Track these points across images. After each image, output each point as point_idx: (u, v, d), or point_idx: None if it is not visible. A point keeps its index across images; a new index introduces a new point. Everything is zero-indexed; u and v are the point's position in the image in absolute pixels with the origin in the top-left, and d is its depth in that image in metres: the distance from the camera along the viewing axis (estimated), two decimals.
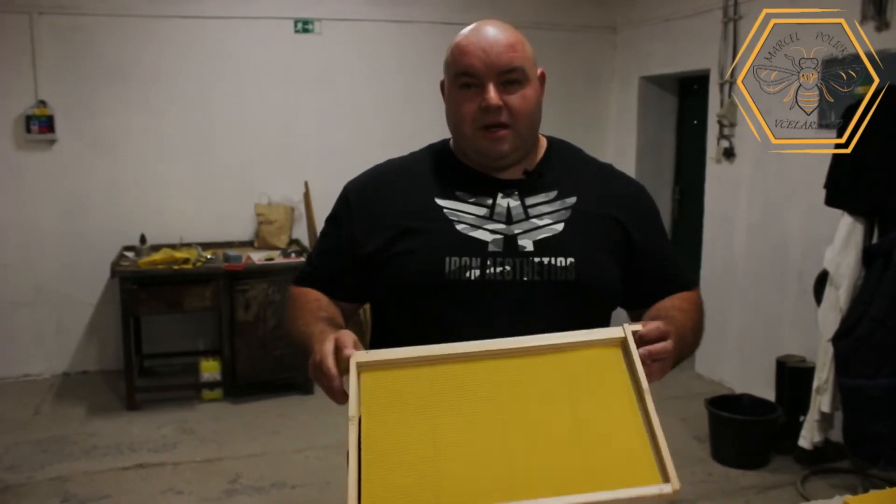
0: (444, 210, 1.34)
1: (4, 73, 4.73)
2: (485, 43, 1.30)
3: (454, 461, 1.02)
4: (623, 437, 1.05)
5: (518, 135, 1.33)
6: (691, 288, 1.49)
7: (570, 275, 1.30)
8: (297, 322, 1.38)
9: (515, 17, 5.49)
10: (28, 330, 4.94)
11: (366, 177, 1.48)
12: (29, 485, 3.47)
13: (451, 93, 1.37)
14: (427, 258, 1.30)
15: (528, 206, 1.36)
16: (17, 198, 4.85)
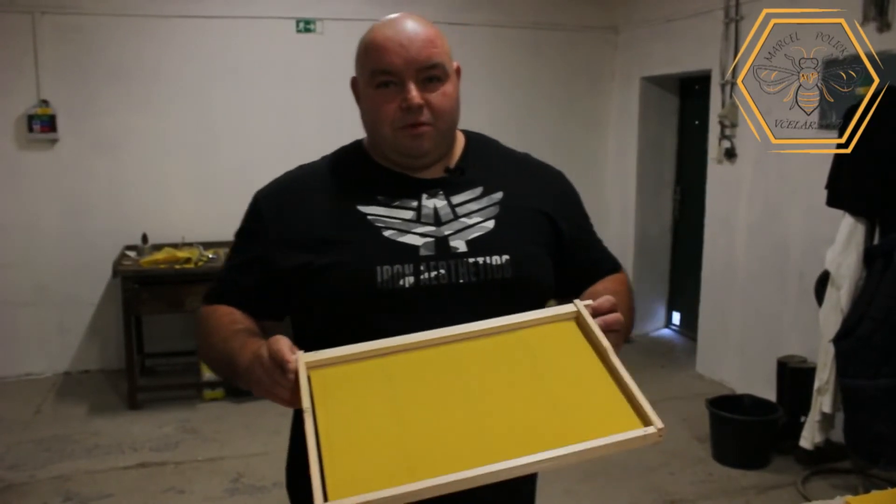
0: (367, 217, 1.27)
1: (7, 73, 4.73)
2: (403, 38, 1.24)
3: (424, 434, 0.98)
4: (595, 394, 1.03)
5: (439, 132, 1.28)
6: (618, 270, 1.50)
7: (506, 272, 1.26)
8: (212, 340, 1.29)
9: (516, 18, 5.54)
10: (30, 329, 4.94)
11: (277, 185, 1.37)
12: (31, 483, 3.47)
13: (368, 92, 1.28)
14: (357, 269, 1.22)
15: (455, 206, 1.31)
16: (19, 197, 4.85)
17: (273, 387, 1.06)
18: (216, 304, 1.35)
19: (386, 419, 1.00)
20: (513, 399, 1.02)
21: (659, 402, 4.27)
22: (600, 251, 1.50)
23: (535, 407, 1.01)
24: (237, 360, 1.18)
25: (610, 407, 1.01)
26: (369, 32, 1.28)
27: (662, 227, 5.80)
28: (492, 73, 5.57)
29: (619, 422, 0.99)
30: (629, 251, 5.73)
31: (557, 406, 1.01)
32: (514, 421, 0.99)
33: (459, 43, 5.42)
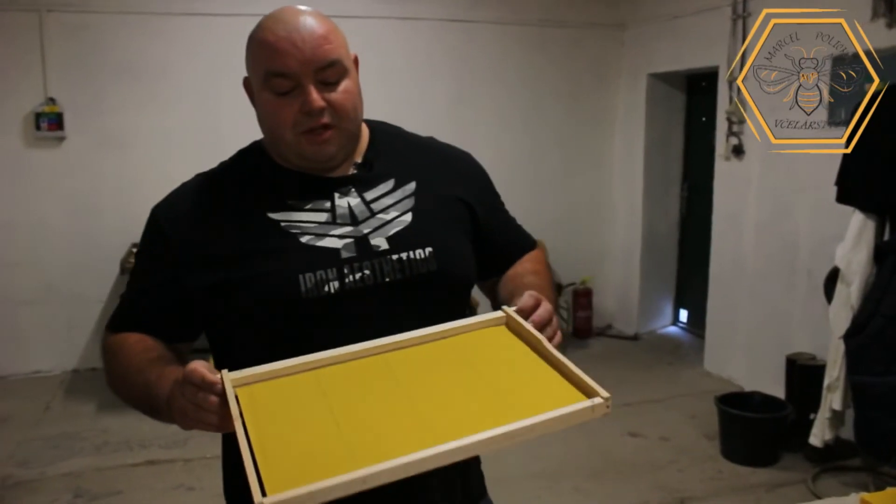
0: (281, 224, 1.20)
1: (14, 71, 4.74)
2: (297, 38, 1.15)
3: (363, 428, 0.93)
4: (534, 378, 1.01)
5: (343, 133, 1.21)
6: (535, 246, 1.48)
7: (431, 265, 1.22)
8: (124, 372, 1.20)
9: (522, 15, 5.53)
10: (38, 327, 4.95)
11: (177, 199, 1.27)
12: (41, 480, 3.48)
13: (263, 95, 1.20)
14: (278, 280, 1.15)
15: (369, 202, 1.25)
16: (27, 195, 4.86)
17: (198, 413, 0.99)
18: (123, 331, 1.25)
19: (322, 421, 0.96)
20: (452, 391, 1.00)
21: (666, 399, 4.27)
22: (516, 230, 1.47)
23: (476, 395, 0.99)
24: (155, 392, 1.10)
25: (551, 388, 0.99)
26: (259, 30, 1.20)
27: (670, 225, 5.79)
28: (497, 71, 5.56)
29: (562, 398, 0.97)
30: (636, 248, 5.73)
31: (498, 391, 0.99)
32: (455, 408, 0.97)
33: (464, 41, 5.47)
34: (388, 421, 0.95)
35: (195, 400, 0.98)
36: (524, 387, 1.00)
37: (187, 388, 0.99)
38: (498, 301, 1.35)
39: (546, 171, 5.76)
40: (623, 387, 4.70)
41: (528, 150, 5.70)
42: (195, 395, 0.98)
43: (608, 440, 3.92)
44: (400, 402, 0.97)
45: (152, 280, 1.25)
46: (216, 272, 1.18)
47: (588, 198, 5.92)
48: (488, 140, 5.48)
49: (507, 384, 1.00)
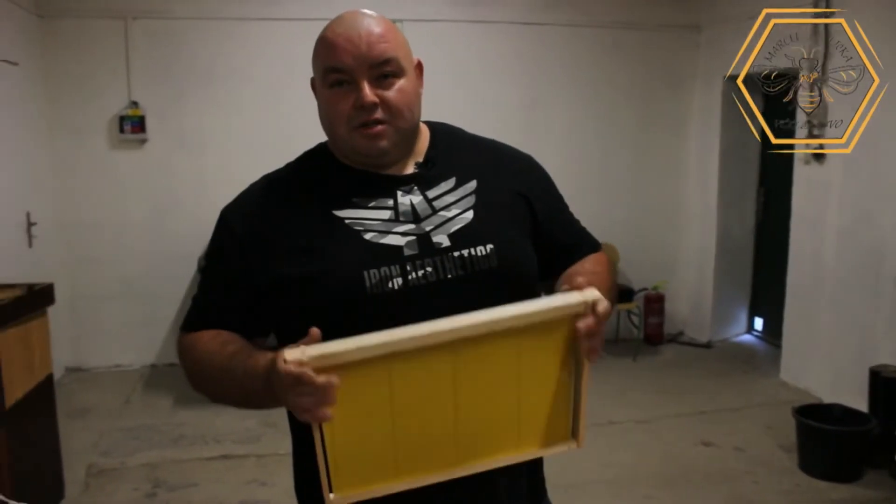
0: (345, 221, 1.23)
1: (101, 76, 4.93)
2: (353, 35, 1.19)
3: (409, 437, 1.09)
4: (555, 406, 1.14)
5: (396, 130, 1.23)
6: (598, 249, 1.45)
7: (492, 262, 1.23)
8: (206, 368, 1.23)
9: (595, 17, 5.48)
10: (118, 322, 5.14)
11: (245, 200, 1.32)
12: (122, 470, 3.61)
13: (322, 92, 1.24)
14: (343, 276, 1.18)
15: (431, 200, 1.27)
16: (111, 195, 5.05)
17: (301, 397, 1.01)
18: (196, 330, 1.28)
19: (383, 427, 1.07)
20: (488, 403, 1.11)
21: (741, 408, 4.16)
22: (578, 231, 1.46)
23: (502, 415, 1.13)
24: (247, 383, 1.13)
25: (558, 421, 1.15)
26: (323, 31, 1.24)
27: (745, 230, 5.65)
28: (569, 75, 5.52)
29: (555, 434, 1.16)
30: (710, 253, 5.60)
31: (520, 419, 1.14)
32: (481, 432, 1.12)
33: (537, 44, 5.44)
34: (428, 429, 1.10)
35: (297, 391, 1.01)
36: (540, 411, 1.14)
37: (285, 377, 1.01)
38: None
39: (618, 175, 5.69)
40: (696, 395, 4.61)
41: (601, 154, 5.64)
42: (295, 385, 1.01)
43: (681, 448, 3.85)
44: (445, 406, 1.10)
45: (223, 278, 1.29)
46: (282, 268, 1.21)
47: (661, 202, 5.82)
48: (560, 144, 5.45)
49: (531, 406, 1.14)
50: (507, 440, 1.14)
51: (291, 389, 1.01)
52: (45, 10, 4.81)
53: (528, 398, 1.12)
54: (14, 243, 4.28)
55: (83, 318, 5.07)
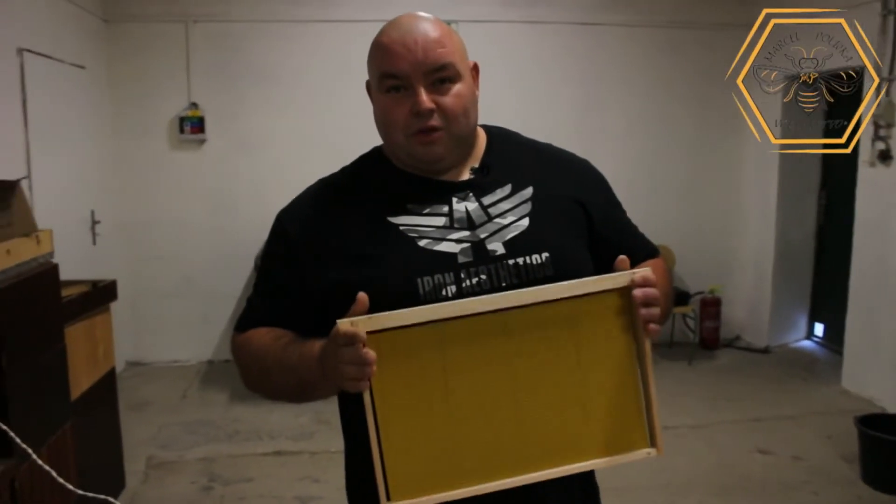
0: (399, 228, 1.22)
1: (163, 78, 5.06)
2: (409, 40, 1.18)
3: (467, 427, 1.06)
4: (623, 399, 1.11)
5: (452, 136, 1.22)
6: (656, 255, 1.42)
7: (547, 271, 1.21)
8: (263, 363, 1.24)
9: (652, 17, 5.41)
10: (177, 319, 5.26)
11: (301, 203, 1.32)
12: (180, 463, 3.69)
13: (378, 97, 1.24)
14: (397, 284, 1.17)
15: (486, 207, 1.25)
16: (171, 194, 5.18)
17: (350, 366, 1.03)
18: (251, 330, 1.30)
19: (441, 426, 1.06)
20: (552, 399, 1.09)
21: (799, 416, 4.04)
22: (635, 236, 1.44)
23: (568, 416, 1.09)
24: (301, 367, 1.16)
25: (629, 421, 1.11)
26: (378, 35, 1.23)
27: (805, 233, 5.51)
28: (625, 75, 5.47)
29: (631, 438, 1.11)
30: (768, 257, 5.48)
31: (587, 417, 1.10)
32: (545, 431, 1.09)
33: (592, 44, 5.40)
34: (488, 430, 1.07)
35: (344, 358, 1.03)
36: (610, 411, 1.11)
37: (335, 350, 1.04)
38: None
39: (674, 177, 5.61)
40: (752, 401, 4.52)
41: (656, 156, 5.57)
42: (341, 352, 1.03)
43: (737, 456, 3.77)
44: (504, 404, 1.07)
45: (277, 281, 1.30)
46: (336, 273, 1.21)
47: (718, 204, 5.72)
48: (615, 145, 5.40)
49: (597, 403, 1.10)
50: (576, 442, 1.10)
51: (340, 354, 1.03)
52: (110, 15, 4.96)
53: (592, 390, 1.10)
54: (79, 241, 4.42)
55: (143, 314, 5.21)
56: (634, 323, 1.10)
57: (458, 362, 1.06)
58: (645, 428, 1.11)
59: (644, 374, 1.11)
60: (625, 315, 1.10)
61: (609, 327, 1.10)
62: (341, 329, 1.03)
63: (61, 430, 2.60)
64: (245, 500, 3.34)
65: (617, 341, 1.11)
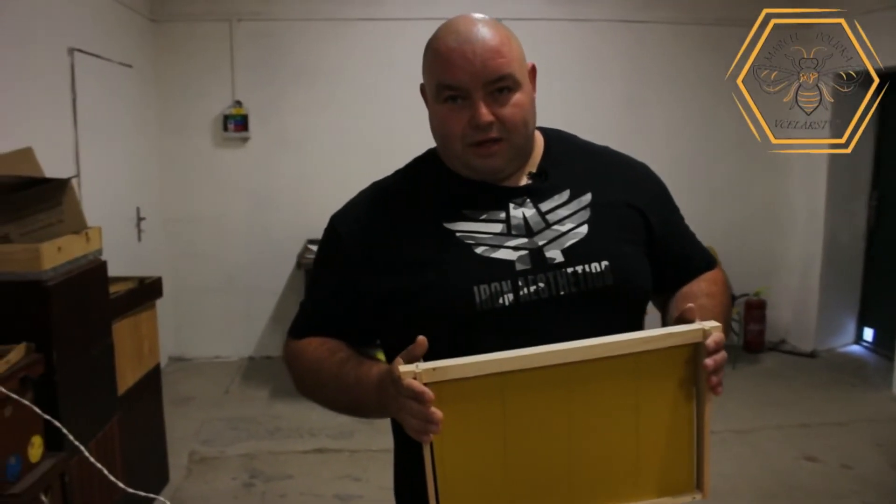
0: (456, 234, 1.20)
1: (208, 76, 5.11)
2: (468, 50, 1.14)
3: (521, 466, 1.06)
4: (675, 443, 1.10)
5: (512, 147, 1.20)
6: (713, 266, 1.39)
7: (607, 279, 1.18)
8: (318, 376, 1.24)
9: (698, 14, 5.32)
10: (220, 315, 5.32)
11: (355, 208, 1.30)
12: (221, 459, 3.73)
13: (435, 106, 1.21)
14: (453, 291, 1.15)
15: (544, 213, 1.23)
16: (215, 192, 5.23)
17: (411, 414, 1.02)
18: (304, 337, 1.30)
19: (493, 446, 1.05)
20: (606, 441, 1.08)
21: (848, 423, 3.95)
22: (693, 245, 1.41)
23: (619, 458, 1.09)
24: (357, 391, 1.16)
25: (680, 463, 1.11)
26: (434, 39, 1.20)
27: (855, 235, 5.37)
28: (669, 73, 5.39)
29: (679, 481, 1.11)
30: (816, 259, 5.36)
31: (638, 457, 1.09)
32: (596, 472, 1.08)
33: (634, 42, 5.33)
34: (542, 463, 1.06)
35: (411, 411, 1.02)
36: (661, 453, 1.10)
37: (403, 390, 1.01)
38: (667, 317, 1.31)
39: (719, 177, 5.52)
40: (798, 406, 4.42)
41: (700, 155, 5.48)
42: (407, 393, 1.01)
43: (783, 462, 3.69)
44: (560, 439, 1.07)
45: (331, 287, 1.28)
46: (392, 280, 1.20)
47: (763, 205, 5.61)
48: (657, 144, 5.32)
49: (650, 443, 1.09)
50: (624, 481, 1.09)
51: (404, 404, 1.01)
52: (157, 14, 5.03)
53: (647, 434, 1.09)
54: (125, 237, 4.49)
55: (186, 310, 5.27)
56: (698, 378, 1.08)
57: (518, 410, 1.05)
58: (693, 472, 1.11)
59: (700, 423, 1.09)
60: (689, 367, 1.08)
61: (672, 379, 1.08)
62: (405, 382, 1.00)
63: (109, 425, 2.64)
64: (286, 497, 3.36)
65: (678, 392, 1.09)
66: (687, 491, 1.11)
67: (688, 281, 1.36)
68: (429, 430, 1.00)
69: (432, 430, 1.00)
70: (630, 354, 1.05)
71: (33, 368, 2.08)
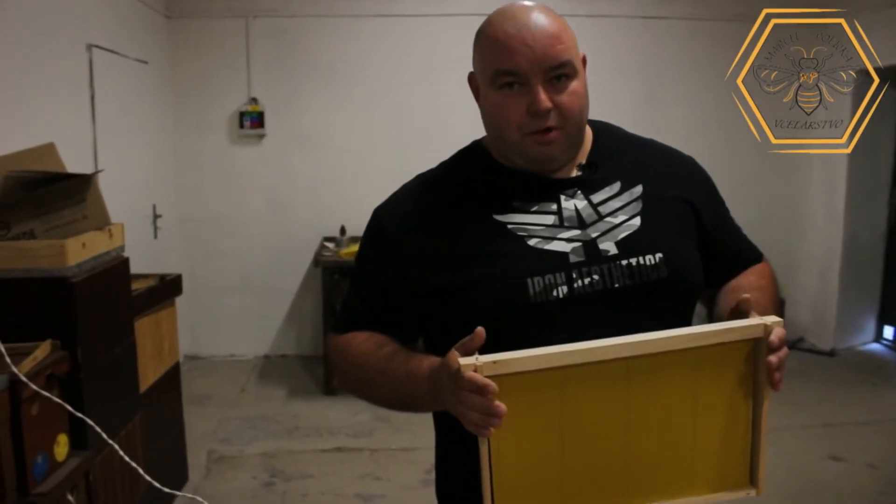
0: (507, 226, 1.18)
1: (224, 73, 5.08)
2: (527, 36, 1.12)
3: (577, 465, 1.05)
4: (731, 439, 1.09)
5: (568, 136, 1.18)
6: (760, 259, 1.38)
7: (661, 272, 1.17)
8: (364, 371, 1.21)
9: (718, 10, 5.26)
10: (236, 313, 5.30)
11: (400, 200, 1.27)
12: (240, 458, 3.70)
13: (489, 94, 1.17)
14: (506, 284, 1.13)
15: (596, 205, 1.21)
16: (231, 189, 5.21)
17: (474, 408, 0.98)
18: (349, 332, 1.26)
19: (550, 441, 1.03)
20: (662, 437, 1.07)
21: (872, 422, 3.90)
22: (741, 239, 1.40)
23: (676, 453, 1.08)
24: (408, 385, 1.13)
25: (735, 459, 1.10)
26: (488, 26, 1.17)
27: (875, 234, 5.32)
28: (687, 70, 5.35)
29: (734, 476, 1.10)
30: (835, 258, 5.30)
31: (695, 448, 1.08)
32: (652, 467, 1.07)
33: (653, 38, 5.28)
34: (598, 459, 1.05)
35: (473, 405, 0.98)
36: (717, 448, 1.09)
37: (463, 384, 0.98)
38: (715, 311, 1.29)
39: (737, 175, 5.45)
40: (820, 405, 4.37)
41: (720, 154, 5.40)
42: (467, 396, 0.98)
43: (808, 462, 3.64)
44: (616, 435, 1.05)
45: (378, 280, 1.25)
46: (442, 274, 1.17)
47: (782, 202, 5.56)
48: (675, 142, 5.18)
49: (707, 440, 1.08)
50: (680, 477, 1.08)
51: (465, 398, 0.98)
52: (173, 10, 5.00)
53: (704, 430, 1.07)
54: (142, 235, 4.46)
55: (202, 308, 5.24)
56: (757, 373, 1.06)
57: (576, 403, 1.03)
58: (748, 467, 1.10)
59: (757, 419, 1.08)
60: (749, 363, 1.06)
61: (730, 374, 1.07)
62: (467, 374, 0.97)
63: (131, 423, 2.61)
64: (307, 496, 3.33)
65: (737, 388, 1.07)
66: (742, 487, 1.11)
67: (736, 275, 1.34)
68: (491, 424, 0.97)
69: (495, 423, 0.97)
70: (690, 349, 1.03)
71: (59, 366, 2.06)
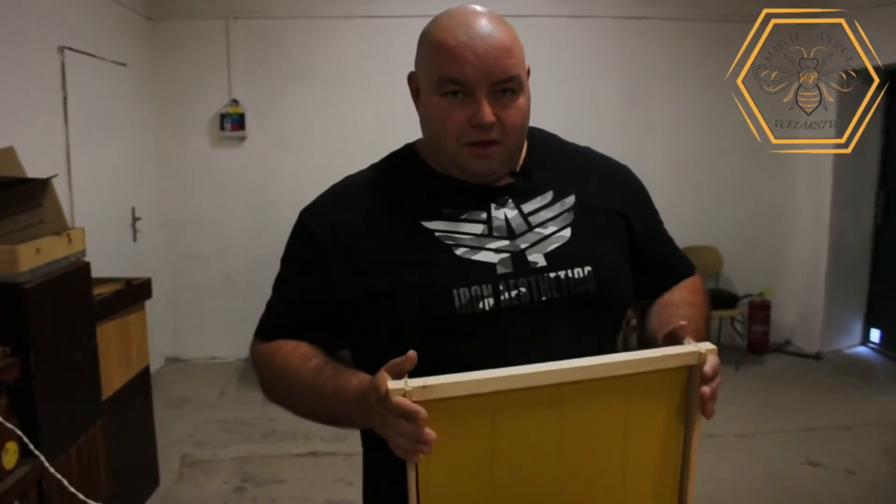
0: (435, 234, 1.14)
1: (204, 75, 5.06)
2: (479, 46, 1.08)
3: (509, 487, 1.01)
4: (663, 465, 1.07)
5: (507, 150, 1.14)
6: (693, 272, 1.36)
7: (590, 285, 1.14)
8: (290, 382, 1.16)
9: (703, 10, 5.23)
10: (217, 316, 5.27)
11: (327, 202, 1.23)
12: (214, 462, 3.68)
13: (432, 98, 1.13)
14: (431, 294, 1.10)
15: (527, 215, 1.18)
16: (213, 191, 5.19)
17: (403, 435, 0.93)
18: (273, 339, 1.22)
19: (481, 466, 0.99)
20: (594, 463, 1.04)
21: (854, 427, 3.88)
22: (674, 252, 1.37)
23: (606, 479, 1.05)
24: (335, 402, 1.08)
25: (665, 486, 1.07)
26: (438, 29, 1.12)
27: (861, 235, 5.29)
28: (672, 71, 5.32)
29: (660, 499, 1.07)
30: (821, 259, 5.27)
31: (625, 478, 1.05)
32: (583, 493, 1.04)
33: (637, 39, 5.25)
34: (534, 491, 1.02)
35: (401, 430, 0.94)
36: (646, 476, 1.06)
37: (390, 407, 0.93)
38: (647, 324, 1.26)
39: (723, 176, 5.43)
40: (803, 409, 4.34)
41: (704, 154, 5.40)
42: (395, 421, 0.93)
43: (786, 467, 3.61)
44: (547, 462, 1.02)
45: (302, 287, 1.21)
46: (368, 280, 1.13)
47: (768, 204, 5.52)
48: (660, 143, 5.25)
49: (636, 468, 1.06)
50: (609, 501, 1.07)
51: (392, 422, 0.93)
52: (152, 12, 4.98)
53: (635, 455, 1.05)
54: (120, 238, 4.45)
55: (184, 311, 5.23)
56: (690, 400, 1.04)
57: (508, 429, 0.99)
58: (677, 494, 1.08)
59: (687, 445, 1.06)
60: (682, 389, 1.04)
61: (663, 400, 1.05)
62: (395, 400, 0.92)
63: (92, 429, 2.59)
64: (277, 501, 3.30)
65: (669, 414, 1.05)
66: None
67: (669, 287, 1.32)
68: (420, 451, 0.93)
69: (424, 450, 0.93)
70: (624, 375, 1.01)
71: (8, 373, 2.03)
